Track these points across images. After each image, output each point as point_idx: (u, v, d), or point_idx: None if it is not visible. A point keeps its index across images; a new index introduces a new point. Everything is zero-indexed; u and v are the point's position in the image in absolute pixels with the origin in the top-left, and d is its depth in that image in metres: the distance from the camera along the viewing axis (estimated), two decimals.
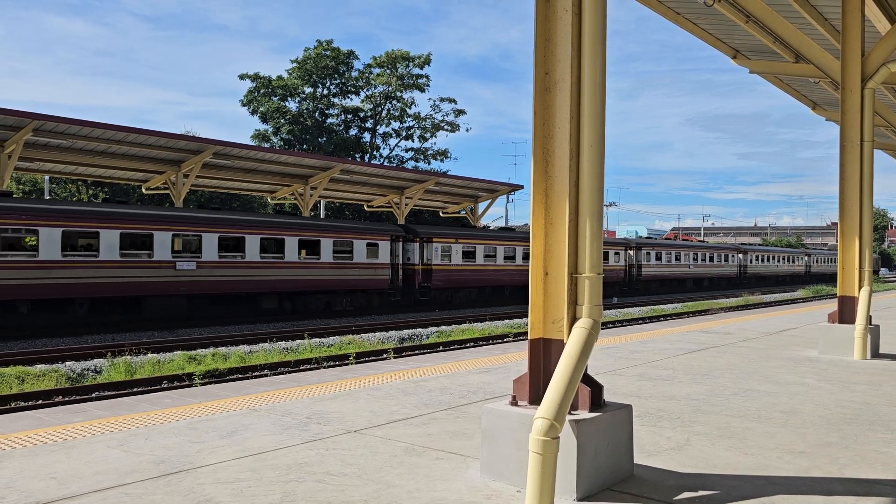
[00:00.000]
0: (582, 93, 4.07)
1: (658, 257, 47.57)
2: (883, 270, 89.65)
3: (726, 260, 56.70)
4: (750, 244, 77.69)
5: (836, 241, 10.23)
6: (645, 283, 46.50)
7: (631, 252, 45.26)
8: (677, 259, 49.93)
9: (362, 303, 29.28)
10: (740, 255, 57.36)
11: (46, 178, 37.69)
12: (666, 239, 68.65)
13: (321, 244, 26.84)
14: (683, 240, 67.96)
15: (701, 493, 4.01)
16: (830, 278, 65.93)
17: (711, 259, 54.75)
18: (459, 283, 32.90)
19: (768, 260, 64.21)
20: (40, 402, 11.96)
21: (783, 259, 67.39)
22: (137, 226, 21.92)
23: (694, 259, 52.19)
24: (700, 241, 70.14)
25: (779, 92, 15.20)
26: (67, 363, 15.09)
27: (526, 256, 33.92)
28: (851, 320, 9.58)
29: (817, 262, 74.66)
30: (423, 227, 32.89)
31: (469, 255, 33.11)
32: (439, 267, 31.61)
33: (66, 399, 12.18)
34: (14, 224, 19.18)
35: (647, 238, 55.69)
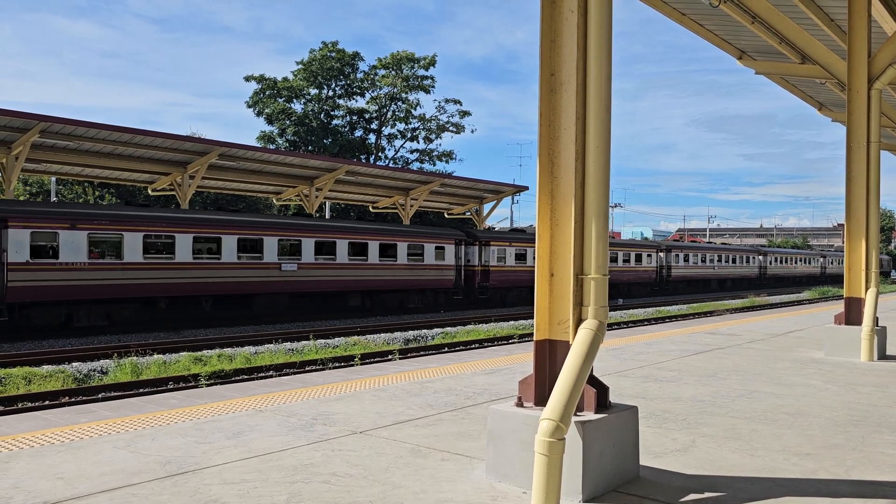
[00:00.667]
0: (587, 94, 4.07)
1: (686, 259, 50.45)
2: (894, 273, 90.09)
3: (747, 262, 59.18)
4: (766, 246, 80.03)
5: (843, 243, 10.19)
6: (674, 284, 49.07)
7: (661, 254, 48.05)
8: (703, 261, 52.67)
9: (430, 301, 31.98)
10: (760, 257, 59.06)
11: (53, 179, 37.85)
12: (674, 241, 69.88)
13: (397, 247, 29.76)
14: (690, 241, 68.85)
15: (707, 494, 4.01)
16: (839, 280, 67.15)
17: (734, 261, 57.23)
18: (513, 283, 35.57)
19: (786, 262, 66.89)
20: (47, 402, 12.00)
21: (800, 261, 70.05)
22: (250, 232, 24.86)
23: (718, 261, 54.95)
24: (723, 244, 71.73)
25: (785, 93, 15.17)
26: (74, 364, 15.14)
27: None
28: (858, 322, 9.54)
29: (832, 263, 76.98)
30: (482, 232, 36.33)
31: (521, 257, 35.98)
32: (496, 268, 34.65)
33: (73, 400, 12.21)
34: (156, 231, 22.25)
35: (674, 241, 59.31)
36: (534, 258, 30.15)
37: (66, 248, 20.35)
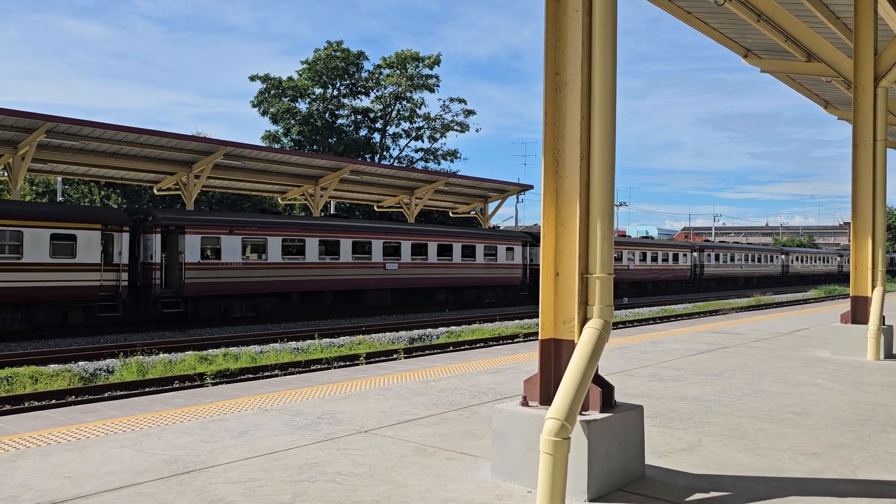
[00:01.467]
0: (592, 93, 4.06)
1: (717, 258, 54.15)
2: None
3: (771, 260, 63.44)
4: (788, 246, 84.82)
5: (849, 241, 10.16)
6: (706, 281, 52.57)
7: (695, 254, 52.20)
8: (732, 259, 56.17)
9: (501, 296, 35.49)
10: (783, 256, 61.30)
11: (59, 179, 37.98)
12: (704, 241, 72.49)
13: (476, 248, 33.30)
14: (704, 241, 70.21)
15: (713, 494, 4.00)
16: None
17: (759, 260, 61.37)
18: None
19: (806, 260, 70.97)
20: (53, 401, 12.05)
21: (819, 259, 74.33)
22: (361, 236, 28.23)
23: (746, 260, 58.53)
24: (749, 244, 74.66)
25: (790, 91, 15.12)
26: (80, 363, 15.19)
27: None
28: (864, 321, 9.51)
29: (848, 262, 78.62)
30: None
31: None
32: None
33: (79, 399, 12.26)
34: (291, 235, 25.64)
35: (706, 241, 62.73)
36: None
37: (227, 251, 24.02)
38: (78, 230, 20.78)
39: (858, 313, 9.67)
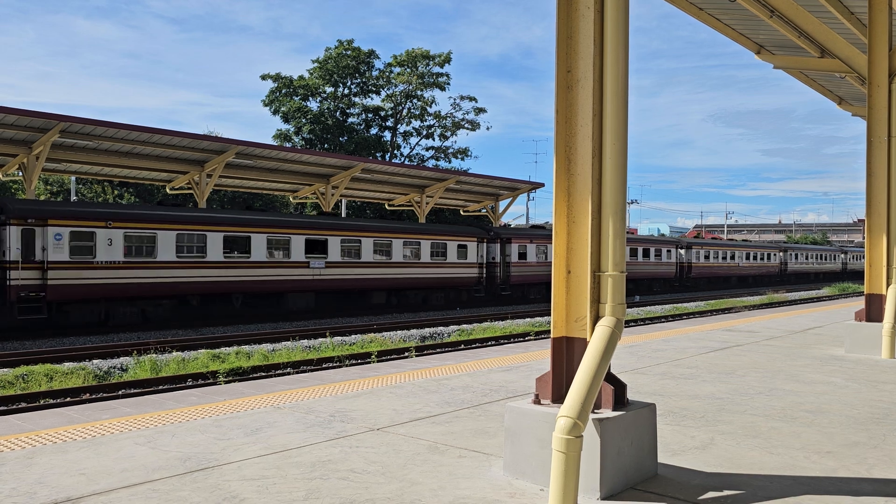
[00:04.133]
0: (604, 90, 4.06)
1: (707, 256, 52.94)
2: None
3: (768, 258, 60.36)
4: (785, 242, 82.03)
5: (864, 239, 10.08)
6: (694, 281, 51.71)
7: (681, 251, 51.00)
8: (724, 257, 54.71)
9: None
10: (781, 254, 59.39)
11: (73, 178, 38.27)
12: (695, 237, 71.31)
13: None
14: (713, 238, 69.20)
15: (726, 492, 3.98)
16: (860, 276, 68.94)
17: (755, 258, 58.33)
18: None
19: (807, 258, 67.96)
20: (69, 399, 12.15)
21: (821, 257, 71.15)
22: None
23: (739, 257, 56.56)
24: (744, 241, 72.36)
25: (804, 87, 15.02)
26: (94, 361, 15.31)
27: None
28: (879, 318, 9.44)
29: (853, 259, 78.78)
30: (693, 240, 44.49)
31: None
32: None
33: (94, 396, 12.36)
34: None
35: (696, 237, 64.32)
36: (651, 256, 38.21)
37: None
38: None
39: (873, 311, 9.59)
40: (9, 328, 19.56)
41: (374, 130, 54.73)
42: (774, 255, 61.35)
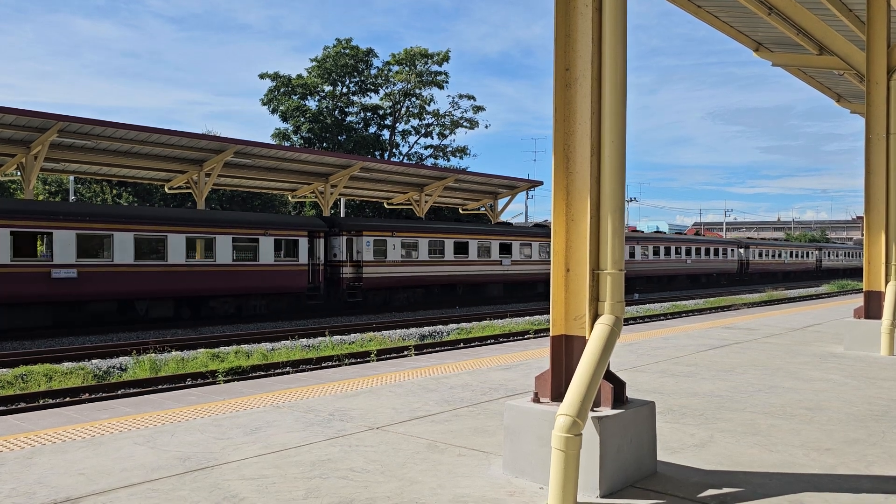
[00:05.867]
0: (603, 88, 4.05)
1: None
2: None
3: (806, 256, 68.90)
4: (819, 241, 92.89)
5: (862, 236, 10.09)
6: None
7: (741, 250, 57.64)
8: (667, 253, 55.49)
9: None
10: (741, 250, 61.12)
11: (71, 178, 38.23)
12: (696, 235, 74.11)
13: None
14: (714, 237, 70.87)
15: (725, 490, 3.99)
16: None
17: (797, 255, 66.88)
18: (771, 269, 58.83)
19: (837, 256, 77.31)
20: (68, 399, 12.15)
21: (848, 254, 79.71)
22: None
23: (687, 254, 58.80)
24: (695, 236, 75.11)
25: (802, 84, 15.00)
26: (94, 361, 15.30)
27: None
28: (878, 315, 9.44)
29: (829, 256, 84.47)
30: (756, 241, 54.90)
31: (773, 254, 57.85)
32: (754, 261, 55.08)
33: (93, 396, 12.36)
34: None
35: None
36: (667, 252, 42.45)
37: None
38: None
39: (872, 308, 9.60)
40: (341, 306, 27.97)
41: (372, 129, 54.72)
42: (811, 253, 70.00)
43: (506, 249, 35.20)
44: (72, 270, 20.46)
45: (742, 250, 57.11)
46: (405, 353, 16.92)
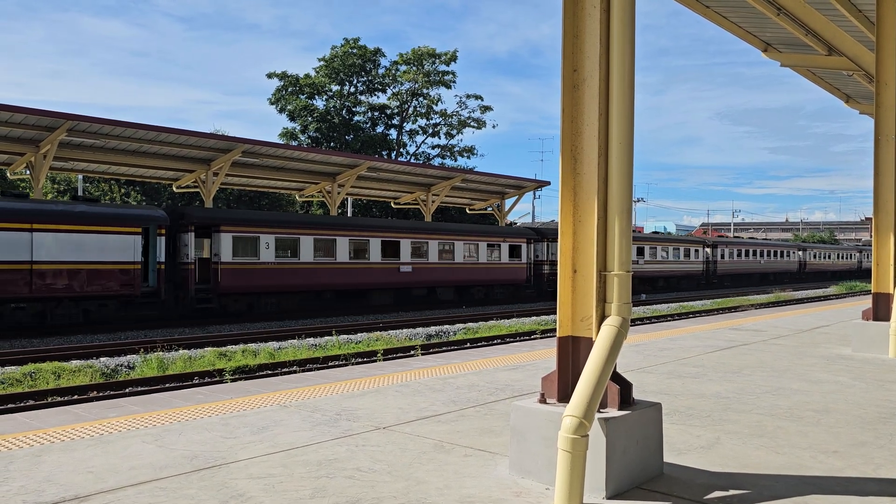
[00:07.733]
0: (611, 89, 4.05)
1: (734, 254, 56.11)
2: None
3: (787, 256, 64.28)
4: (788, 240, 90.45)
5: (871, 237, 10.04)
6: (720, 279, 54.87)
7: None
8: (749, 255, 57.86)
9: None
10: (708, 250, 56.81)
11: (80, 177, 38.39)
12: (703, 235, 73.02)
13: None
14: (719, 237, 69.16)
15: (732, 492, 3.98)
16: (867, 274, 70.54)
17: (775, 255, 61.63)
18: (744, 271, 55.41)
19: (826, 257, 73.37)
20: (76, 396, 12.21)
21: (767, 254, 67.30)
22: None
23: (763, 256, 59.88)
24: (764, 239, 74.49)
25: (811, 85, 14.95)
26: (101, 359, 15.38)
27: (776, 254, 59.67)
28: (887, 317, 9.40)
29: (815, 257, 79.29)
30: (710, 238, 53.61)
31: (747, 254, 55.08)
32: (722, 262, 52.49)
33: (101, 394, 12.42)
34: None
35: (721, 236, 67.46)
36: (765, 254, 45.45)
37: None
38: None
39: (880, 310, 9.56)
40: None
41: (379, 129, 54.75)
42: (698, 252, 57.39)
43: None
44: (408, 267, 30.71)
45: (709, 250, 50.57)
46: (411, 352, 16.94)
